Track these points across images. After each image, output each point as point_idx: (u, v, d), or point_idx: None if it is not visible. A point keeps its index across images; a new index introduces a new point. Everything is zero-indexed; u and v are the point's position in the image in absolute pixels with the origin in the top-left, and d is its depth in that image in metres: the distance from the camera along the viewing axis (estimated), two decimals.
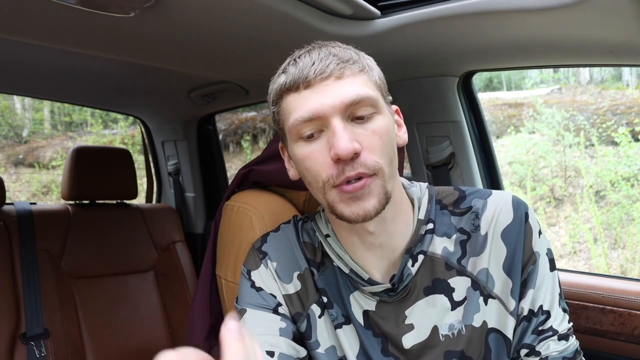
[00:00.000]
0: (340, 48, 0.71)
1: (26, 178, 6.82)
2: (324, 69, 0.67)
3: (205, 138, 2.07)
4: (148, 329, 1.71)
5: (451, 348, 0.73)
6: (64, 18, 0.97)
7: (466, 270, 0.74)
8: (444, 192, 0.80)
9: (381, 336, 0.75)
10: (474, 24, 0.99)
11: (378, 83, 0.72)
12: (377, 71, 0.73)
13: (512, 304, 0.73)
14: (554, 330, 0.73)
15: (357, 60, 0.70)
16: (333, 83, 0.66)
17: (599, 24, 0.90)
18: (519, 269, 0.73)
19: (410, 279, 0.74)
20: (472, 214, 0.76)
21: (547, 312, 0.73)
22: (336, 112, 0.66)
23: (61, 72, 1.47)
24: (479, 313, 0.73)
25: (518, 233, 0.73)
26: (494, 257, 0.73)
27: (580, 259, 4.25)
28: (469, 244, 0.75)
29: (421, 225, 0.75)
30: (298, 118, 0.67)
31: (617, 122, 5.08)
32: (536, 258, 0.73)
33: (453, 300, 0.73)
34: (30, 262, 1.49)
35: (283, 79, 0.70)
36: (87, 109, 7.15)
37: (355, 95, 0.66)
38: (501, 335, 0.73)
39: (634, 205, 4.22)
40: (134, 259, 1.77)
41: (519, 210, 0.74)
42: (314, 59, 0.68)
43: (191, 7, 0.94)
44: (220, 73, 1.47)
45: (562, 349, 0.72)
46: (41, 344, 1.41)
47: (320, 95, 0.66)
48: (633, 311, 1.09)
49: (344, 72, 0.67)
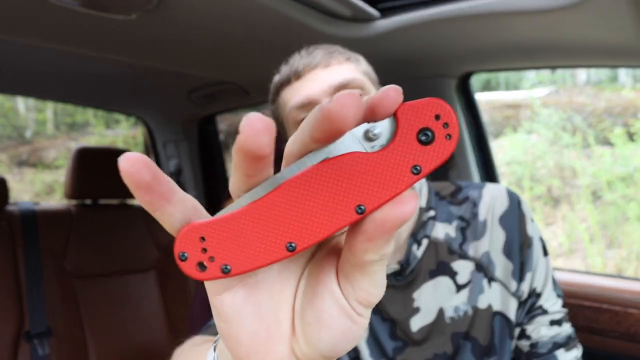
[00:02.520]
0: (326, 45, 0.78)
1: (29, 178, 6.80)
2: (311, 60, 0.73)
3: (206, 138, 2.09)
4: (149, 327, 1.72)
5: (457, 330, 0.75)
6: (67, 20, 0.97)
7: (468, 255, 0.77)
8: (440, 185, 0.85)
9: (389, 321, 0.76)
10: (472, 25, 1.00)
11: (366, 72, 0.77)
12: (365, 64, 0.78)
13: (513, 286, 0.75)
14: (544, 309, 0.76)
15: (343, 52, 0.76)
16: (321, 71, 0.72)
17: (596, 25, 0.91)
18: (517, 251, 0.76)
19: (416, 263, 0.76)
20: (470, 202, 0.80)
21: (539, 294, 0.76)
22: (327, 95, 0.71)
23: (64, 73, 1.48)
24: (483, 294, 0.75)
25: (514, 218, 0.77)
26: (493, 242, 0.77)
27: (576, 258, 4.27)
28: (469, 230, 0.78)
29: (423, 212, 0.78)
30: (292, 106, 0.73)
31: (613, 123, 5.10)
32: (531, 242, 0.77)
33: (457, 283, 0.76)
34: (34, 262, 1.50)
35: (277, 78, 0.78)
36: (90, 110, 7.14)
37: (342, 78, 0.71)
38: (505, 318, 0.75)
39: (630, 205, 4.24)
40: (136, 259, 1.78)
41: (513, 198, 0.79)
42: (302, 55, 0.76)
43: (192, 9, 0.95)
44: (221, 74, 1.48)
45: (553, 334, 0.75)
46: (44, 342, 1.42)
47: (310, 83, 0.72)
48: (629, 309, 1.10)
49: (330, 61, 0.73)
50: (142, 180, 0.24)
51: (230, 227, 0.24)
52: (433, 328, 0.75)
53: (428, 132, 0.24)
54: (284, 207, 0.24)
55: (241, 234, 0.24)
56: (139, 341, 1.67)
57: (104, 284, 1.67)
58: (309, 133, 0.24)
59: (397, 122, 0.24)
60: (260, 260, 0.25)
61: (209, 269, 0.24)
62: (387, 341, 0.76)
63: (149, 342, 1.68)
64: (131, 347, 1.64)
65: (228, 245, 0.24)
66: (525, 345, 0.77)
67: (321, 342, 0.27)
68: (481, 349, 0.74)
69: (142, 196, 0.24)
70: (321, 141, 0.24)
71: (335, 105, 0.22)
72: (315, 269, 0.29)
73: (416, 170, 0.24)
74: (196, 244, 0.24)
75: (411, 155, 0.24)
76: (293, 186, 0.24)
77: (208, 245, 0.24)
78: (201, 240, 0.24)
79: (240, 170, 0.24)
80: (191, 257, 0.24)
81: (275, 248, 0.24)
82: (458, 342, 0.75)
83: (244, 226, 0.24)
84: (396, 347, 0.76)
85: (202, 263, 0.24)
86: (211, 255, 0.24)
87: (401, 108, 0.24)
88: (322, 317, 0.27)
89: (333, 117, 0.22)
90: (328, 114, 0.22)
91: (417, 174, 0.24)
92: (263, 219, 0.24)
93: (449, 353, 0.74)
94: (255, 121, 0.22)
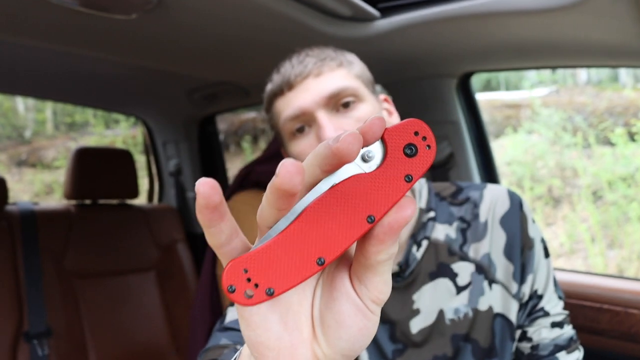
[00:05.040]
0: (317, 49, 0.77)
1: (29, 178, 6.81)
2: (302, 69, 0.73)
3: (206, 138, 2.08)
4: (149, 327, 1.72)
5: (457, 332, 0.74)
6: (66, 20, 0.97)
7: (468, 256, 0.76)
8: (440, 186, 0.84)
9: (389, 323, 0.76)
10: (473, 25, 1.00)
11: (359, 74, 0.76)
12: (358, 65, 0.78)
13: (514, 287, 0.75)
14: (545, 311, 0.75)
15: (334, 57, 0.75)
16: (313, 80, 0.72)
17: (596, 25, 0.91)
18: (518, 253, 0.76)
19: (415, 264, 0.76)
20: (471, 203, 0.79)
21: (540, 295, 0.76)
22: (319, 105, 0.71)
23: (64, 73, 1.48)
24: (483, 296, 0.75)
25: (515, 219, 0.77)
26: (494, 243, 0.76)
27: (577, 258, 4.26)
28: (469, 232, 0.78)
29: (423, 213, 0.78)
30: (286, 117, 0.74)
31: (614, 122, 5.10)
32: (532, 244, 0.76)
33: (457, 285, 0.76)
34: (33, 262, 1.50)
35: (270, 87, 0.78)
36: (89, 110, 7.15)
37: (334, 87, 0.71)
38: (505, 320, 0.75)
39: (631, 205, 4.24)
40: (136, 259, 1.78)
41: (514, 199, 0.79)
42: (293, 63, 0.75)
43: (192, 9, 0.95)
44: (221, 74, 1.48)
45: (554, 337, 0.75)
46: (44, 342, 1.42)
47: (302, 94, 0.72)
48: (629, 309, 1.10)
49: (321, 69, 0.73)
50: (213, 202, 0.28)
51: (267, 256, 0.29)
52: (433, 330, 0.75)
53: (412, 147, 0.30)
54: (309, 231, 0.30)
55: (278, 260, 0.29)
56: (139, 341, 1.67)
57: (104, 284, 1.67)
58: (319, 166, 0.30)
59: (385, 143, 0.30)
60: (297, 278, 0.29)
61: (255, 294, 0.29)
62: (387, 344, 0.76)
63: (150, 342, 1.68)
64: (131, 347, 1.64)
65: (268, 271, 0.29)
66: (526, 348, 0.76)
67: (341, 341, 0.32)
68: (481, 351, 0.74)
69: (207, 214, 0.29)
70: (330, 172, 0.30)
71: (342, 145, 0.28)
72: (328, 279, 0.34)
73: (408, 178, 0.30)
74: (241, 275, 0.29)
75: (402, 167, 0.30)
76: (313, 212, 0.30)
77: (251, 275, 0.29)
78: (244, 272, 0.29)
79: (274, 206, 0.29)
80: (238, 288, 0.29)
81: (308, 265, 0.30)
82: (458, 344, 0.74)
83: (279, 253, 0.29)
84: (396, 350, 0.75)
85: (249, 291, 0.29)
86: (256, 283, 0.29)
87: (386, 131, 0.30)
88: (340, 318, 0.32)
89: (341, 153, 0.28)
90: (337, 151, 0.28)
91: (410, 182, 0.30)
92: (294, 244, 0.30)
93: (449, 355, 0.74)
94: (289, 165, 0.27)
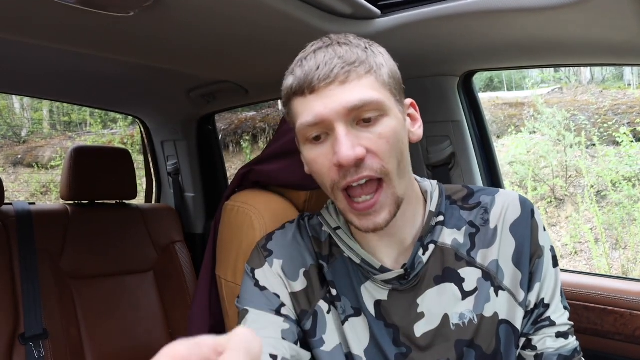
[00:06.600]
0: (348, 47, 0.69)
1: (25, 178, 6.84)
2: (328, 73, 0.66)
3: (205, 138, 2.07)
4: (147, 329, 1.70)
5: (462, 337, 0.73)
6: (63, 18, 0.96)
7: (476, 262, 0.75)
8: (452, 189, 0.83)
9: (392, 327, 0.75)
10: (474, 23, 0.98)
11: (387, 82, 0.70)
12: (387, 68, 0.71)
13: (521, 295, 0.74)
14: (552, 321, 0.74)
15: (364, 60, 0.68)
16: (337, 88, 0.66)
17: (600, 23, 0.90)
18: (527, 261, 0.75)
19: (421, 267, 0.75)
20: (481, 208, 0.78)
21: (547, 305, 0.75)
22: (340, 117, 0.66)
23: (60, 72, 1.47)
24: (489, 303, 0.74)
25: (526, 227, 0.76)
26: (503, 250, 0.75)
27: (581, 259, 4.25)
28: (478, 237, 0.76)
29: (432, 217, 0.77)
30: (304, 122, 0.68)
31: (618, 121, 5.08)
32: (542, 252, 0.75)
33: (463, 290, 0.75)
34: (30, 262, 1.48)
35: (290, 81, 0.70)
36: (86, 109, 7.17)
37: (358, 100, 0.65)
38: (511, 327, 0.74)
39: (636, 206, 4.22)
40: (134, 259, 1.76)
41: (526, 206, 0.77)
42: (319, 61, 0.67)
43: (190, 7, 0.93)
44: (220, 73, 1.46)
45: (559, 347, 0.74)
46: (40, 344, 1.41)
47: (324, 100, 0.66)
48: (634, 312, 1.09)
49: (348, 76, 0.66)
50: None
51: None
52: (437, 334, 0.74)
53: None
54: None
55: None
56: (137, 343, 1.65)
57: (101, 285, 1.65)
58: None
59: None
60: None
61: None
62: (390, 348, 0.75)
63: (147, 343, 1.67)
64: (129, 349, 1.63)
65: None
66: (530, 356, 0.76)
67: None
68: (485, 358, 0.73)
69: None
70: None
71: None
72: None
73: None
74: None
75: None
76: None
77: None
78: None
79: None
80: None
81: None
82: (462, 350, 0.73)
83: None
84: (399, 354, 0.74)
85: None
86: None
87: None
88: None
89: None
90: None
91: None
92: None
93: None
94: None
